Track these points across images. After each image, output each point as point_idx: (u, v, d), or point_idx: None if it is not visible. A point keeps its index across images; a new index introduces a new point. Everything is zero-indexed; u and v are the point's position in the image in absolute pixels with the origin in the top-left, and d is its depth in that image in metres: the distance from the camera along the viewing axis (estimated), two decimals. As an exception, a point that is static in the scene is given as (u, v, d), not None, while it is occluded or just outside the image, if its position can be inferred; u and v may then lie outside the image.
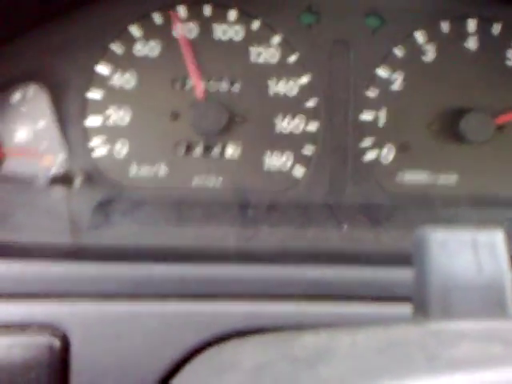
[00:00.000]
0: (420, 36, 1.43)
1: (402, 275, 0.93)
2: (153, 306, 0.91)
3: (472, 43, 1.44)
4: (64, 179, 1.16)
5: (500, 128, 1.43)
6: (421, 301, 0.73)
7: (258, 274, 0.92)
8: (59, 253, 0.94)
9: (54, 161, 1.31)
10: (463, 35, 1.44)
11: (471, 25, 1.44)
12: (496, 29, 1.44)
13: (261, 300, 0.91)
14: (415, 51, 1.43)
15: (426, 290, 0.72)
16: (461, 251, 0.73)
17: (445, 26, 1.43)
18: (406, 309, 0.75)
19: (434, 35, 1.43)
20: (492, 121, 1.38)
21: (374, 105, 1.43)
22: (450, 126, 1.42)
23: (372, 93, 1.43)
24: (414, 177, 1.44)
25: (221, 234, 1.06)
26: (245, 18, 1.40)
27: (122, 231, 1.06)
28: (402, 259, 0.85)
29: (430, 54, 1.43)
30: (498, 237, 0.73)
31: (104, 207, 1.28)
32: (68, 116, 1.35)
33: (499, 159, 1.45)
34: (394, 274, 0.94)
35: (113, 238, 1.00)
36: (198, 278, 0.93)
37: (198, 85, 1.38)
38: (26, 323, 0.89)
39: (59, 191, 1.17)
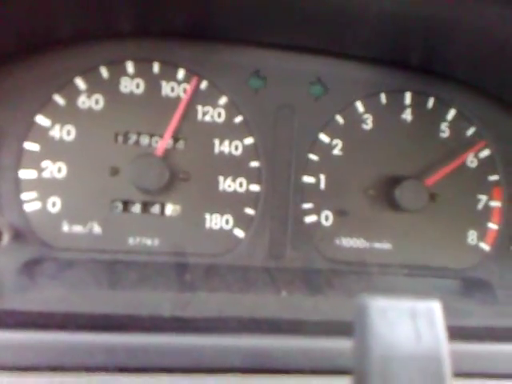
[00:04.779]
0: (360, 106, 1.49)
1: (341, 346, 0.92)
2: (78, 379, 0.84)
3: (408, 115, 1.52)
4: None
5: (433, 197, 1.49)
6: (361, 372, 0.71)
7: (193, 345, 0.87)
8: None
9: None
10: (400, 107, 1.52)
11: (407, 98, 1.52)
12: (430, 102, 1.53)
13: (195, 373, 0.86)
14: (355, 120, 1.49)
15: (365, 360, 0.70)
16: (400, 320, 0.72)
17: (383, 98, 1.51)
18: (345, 381, 0.73)
19: (372, 106, 1.50)
20: (425, 190, 1.44)
21: (315, 168, 1.46)
22: (386, 194, 1.46)
23: (314, 156, 1.46)
24: (351, 242, 1.46)
25: (156, 299, 1.00)
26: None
27: (49, 295, 0.98)
28: (341, 329, 0.83)
29: (368, 123, 1.49)
30: (436, 306, 0.74)
31: (31, 268, 1.19)
32: (1, 166, 1.28)
33: (431, 229, 1.51)
34: (333, 345, 0.92)
35: (38, 303, 0.92)
36: (129, 350, 0.87)
37: (163, 143, 1.36)
38: None
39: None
